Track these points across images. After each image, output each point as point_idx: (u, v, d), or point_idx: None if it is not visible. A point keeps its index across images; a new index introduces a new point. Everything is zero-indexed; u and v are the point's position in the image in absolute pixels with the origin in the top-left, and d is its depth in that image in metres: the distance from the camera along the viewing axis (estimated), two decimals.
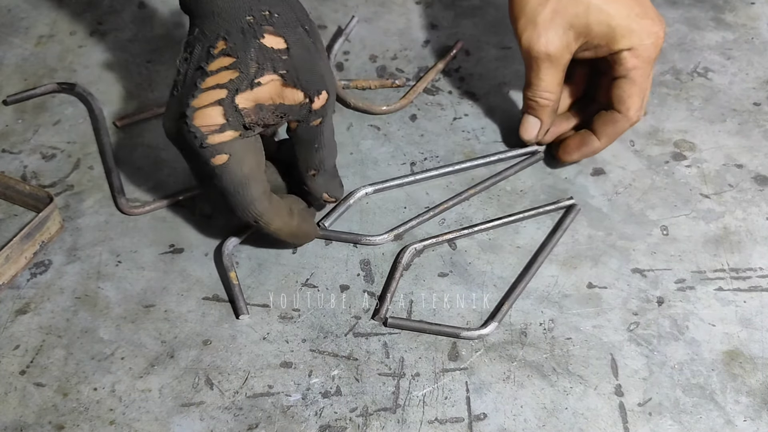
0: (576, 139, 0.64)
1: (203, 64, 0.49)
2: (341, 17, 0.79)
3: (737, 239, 0.61)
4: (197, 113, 0.49)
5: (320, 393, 0.52)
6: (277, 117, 0.50)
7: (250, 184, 0.51)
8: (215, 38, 0.49)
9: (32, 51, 0.75)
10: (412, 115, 0.70)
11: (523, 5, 0.60)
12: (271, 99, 0.50)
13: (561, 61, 0.61)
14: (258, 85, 0.49)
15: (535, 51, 0.61)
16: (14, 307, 0.56)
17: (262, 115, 0.50)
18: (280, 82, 0.49)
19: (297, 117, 0.51)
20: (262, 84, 0.49)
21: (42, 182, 0.64)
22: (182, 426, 0.50)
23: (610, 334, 0.55)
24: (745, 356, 0.54)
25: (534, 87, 0.63)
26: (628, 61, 0.59)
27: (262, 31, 0.48)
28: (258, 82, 0.48)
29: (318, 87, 0.50)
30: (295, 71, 0.49)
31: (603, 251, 0.60)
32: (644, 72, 0.60)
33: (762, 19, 0.81)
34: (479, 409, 0.51)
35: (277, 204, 0.54)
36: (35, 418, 0.50)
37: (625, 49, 0.59)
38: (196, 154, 0.50)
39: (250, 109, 0.49)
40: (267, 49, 0.49)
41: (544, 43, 0.60)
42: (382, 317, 0.55)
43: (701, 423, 0.51)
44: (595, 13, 0.58)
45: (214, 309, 0.56)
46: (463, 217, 0.62)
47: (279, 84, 0.49)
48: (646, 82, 0.60)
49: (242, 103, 0.49)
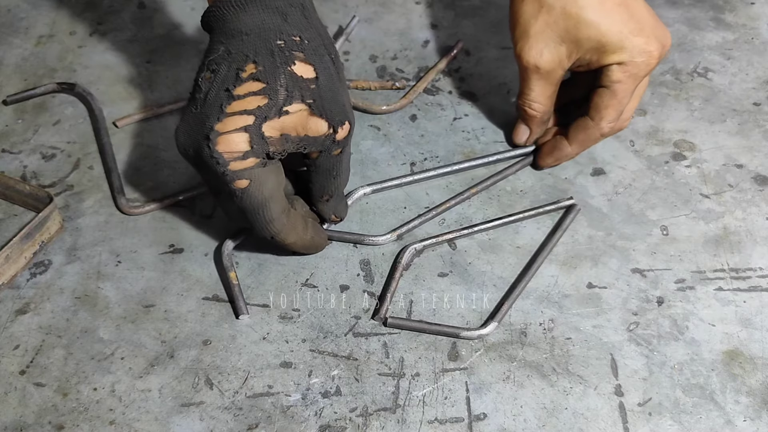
0: (549, 144, 0.65)
1: (230, 87, 0.47)
2: (341, 17, 0.79)
3: (737, 239, 0.61)
4: (221, 138, 0.47)
5: (320, 393, 0.52)
6: (300, 147, 0.50)
7: (270, 206, 0.50)
8: (244, 60, 0.47)
9: (32, 51, 0.75)
10: (412, 115, 0.70)
11: (519, 15, 0.60)
12: (296, 129, 0.49)
13: (552, 75, 0.61)
14: (286, 114, 0.48)
15: (525, 61, 0.61)
16: (14, 307, 0.56)
17: (287, 145, 0.49)
18: (307, 112, 0.49)
19: (320, 148, 0.51)
20: (291, 113, 0.48)
21: (42, 182, 0.64)
22: (182, 426, 0.50)
23: (610, 334, 0.55)
24: (745, 356, 0.54)
25: (524, 96, 0.63)
26: (614, 73, 0.59)
27: (293, 58, 0.48)
28: (286, 111, 0.48)
29: (341, 118, 0.50)
30: (321, 101, 0.49)
31: (603, 251, 0.60)
32: (628, 87, 0.59)
33: (762, 19, 0.81)
34: (479, 409, 0.51)
35: (294, 219, 0.53)
36: (35, 418, 0.50)
37: (615, 63, 0.58)
38: (216, 176, 0.49)
39: (276, 138, 0.49)
40: (297, 77, 0.48)
41: (535, 56, 0.60)
42: (382, 317, 0.55)
43: (701, 423, 0.51)
44: (585, 29, 0.58)
45: (214, 309, 0.56)
46: (463, 217, 0.63)
47: (306, 113, 0.49)
48: (627, 98, 0.60)
49: (269, 132, 0.48)
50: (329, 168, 0.53)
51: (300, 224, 0.54)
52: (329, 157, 0.52)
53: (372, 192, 0.63)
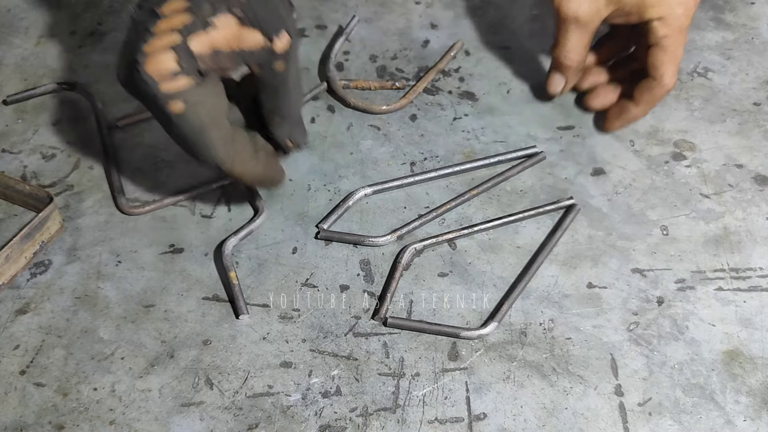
0: (615, 108, 0.67)
1: (155, 7, 0.46)
2: (341, 17, 0.79)
3: (737, 239, 0.61)
4: (149, 59, 0.46)
5: (320, 393, 0.52)
6: (235, 62, 0.48)
7: (209, 131, 0.49)
8: None
9: (32, 51, 0.75)
10: (412, 115, 0.70)
11: None
12: (229, 42, 0.48)
13: (589, 26, 0.62)
14: (212, 26, 0.46)
15: (564, 12, 0.62)
16: (14, 307, 0.56)
17: (219, 60, 0.48)
18: (236, 23, 0.47)
19: (258, 61, 0.49)
20: (217, 25, 0.47)
21: (42, 182, 0.64)
22: (182, 426, 0.50)
23: (610, 334, 0.55)
24: (745, 356, 0.54)
25: (560, 47, 0.65)
26: (658, 30, 0.60)
27: None
28: (212, 24, 0.46)
29: (278, 27, 0.48)
30: (253, 10, 0.47)
31: (603, 251, 0.60)
32: (676, 40, 0.61)
33: (762, 19, 0.81)
34: (479, 409, 0.51)
35: (240, 147, 0.52)
36: (35, 418, 0.50)
37: (656, 19, 0.60)
38: (151, 101, 0.48)
39: (206, 54, 0.47)
40: None
41: (575, 7, 0.61)
42: (382, 317, 0.55)
43: (701, 423, 0.51)
44: None
45: (214, 309, 0.56)
46: (463, 216, 0.62)
47: (236, 25, 0.47)
48: (679, 49, 0.62)
49: (197, 48, 0.47)
50: (275, 85, 0.51)
51: (248, 153, 0.52)
52: (272, 72, 0.50)
53: (372, 192, 0.63)
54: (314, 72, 0.74)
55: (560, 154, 0.67)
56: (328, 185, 0.64)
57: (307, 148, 0.66)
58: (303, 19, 0.78)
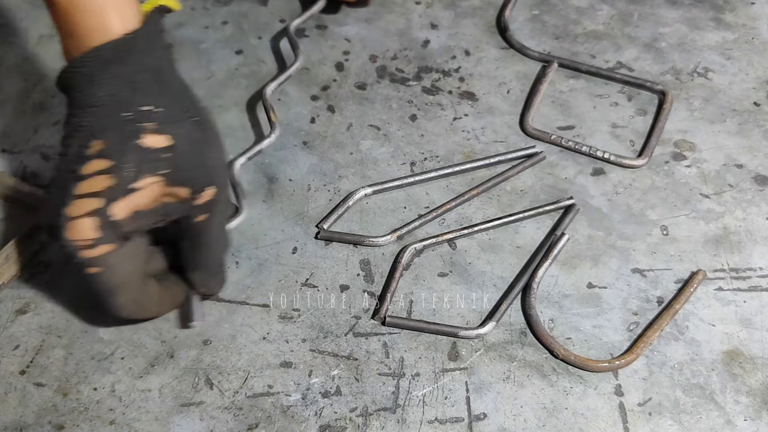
0: None
1: (76, 167, 0.45)
2: (341, 17, 0.79)
3: (737, 239, 0.61)
4: (70, 224, 0.44)
5: (320, 393, 0.52)
6: (158, 216, 0.47)
7: (119, 294, 0.47)
8: (89, 136, 0.45)
9: (32, 51, 0.75)
10: (412, 115, 0.70)
11: None
12: (152, 203, 0.46)
13: None
14: (134, 191, 0.45)
15: None
16: (14, 307, 0.56)
17: (141, 222, 0.46)
18: (162, 184, 0.46)
19: (181, 213, 0.48)
20: (141, 187, 0.45)
21: (42, 182, 0.64)
22: (182, 426, 0.50)
23: (610, 334, 0.55)
24: (745, 356, 0.54)
25: None
26: None
27: (140, 130, 0.45)
28: (134, 188, 0.45)
29: (205, 182, 0.47)
30: (179, 170, 0.46)
31: (603, 251, 0.60)
32: None
33: (762, 19, 0.81)
34: (479, 409, 0.51)
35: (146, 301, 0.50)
36: (35, 418, 0.50)
37: None
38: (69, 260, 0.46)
39: (127, 218, 0.45)
40: (146, 149, 0.45)
41: None
42: (382, 317, 0.55)
43: (701, 423, 0.51)
44: None
45: (213, 309, 0.56)
46: (463, 216, 0.62)
47: (162, 185, 0.46)
48: None
49: (118, 214, 0.45)
50: (193, 236, 0.50)
51: (152, 304, 0.51)
52: (193, 224, 0.49)
53: (372, 192, 0.63)
54: (314, 72, 0.74)
55: (560, 154, 0.67)
56: (328, 185, 0.64)
57: (307, 148, 0.66)
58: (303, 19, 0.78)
